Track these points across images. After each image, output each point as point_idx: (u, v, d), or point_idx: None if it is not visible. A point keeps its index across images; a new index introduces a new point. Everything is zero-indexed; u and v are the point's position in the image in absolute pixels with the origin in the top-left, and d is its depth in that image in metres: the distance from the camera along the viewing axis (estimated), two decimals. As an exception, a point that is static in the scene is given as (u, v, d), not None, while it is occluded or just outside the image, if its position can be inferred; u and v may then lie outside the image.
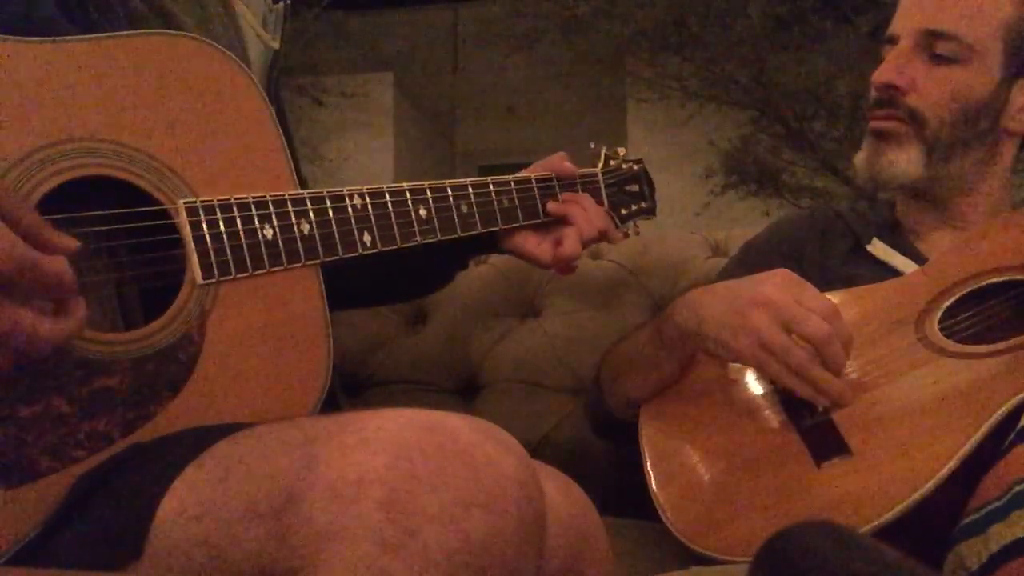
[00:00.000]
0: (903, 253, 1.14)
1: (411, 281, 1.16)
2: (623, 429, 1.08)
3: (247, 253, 0.79)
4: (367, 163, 8.74)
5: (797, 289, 0.94)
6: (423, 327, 1.54)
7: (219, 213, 0.77)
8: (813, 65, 6.56)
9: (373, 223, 0.89)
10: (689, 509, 0.91)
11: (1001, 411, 0.81)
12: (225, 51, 0.81)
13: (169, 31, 0.81)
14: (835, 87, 6.55)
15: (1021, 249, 1.01)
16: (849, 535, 0.61)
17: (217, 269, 0.77)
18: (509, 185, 1.05)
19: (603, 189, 1.16)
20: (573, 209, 1.08)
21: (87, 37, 0.75)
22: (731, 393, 1.03)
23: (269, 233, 0.80)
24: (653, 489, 0.95)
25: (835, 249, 1.19)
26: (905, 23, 1.12)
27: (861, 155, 1.15)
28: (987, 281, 1.00)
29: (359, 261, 0.88)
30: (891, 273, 1.11)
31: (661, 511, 0.92)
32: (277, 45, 1.00)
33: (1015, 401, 0.81)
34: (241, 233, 0.79)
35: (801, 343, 0.92)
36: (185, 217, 0.76)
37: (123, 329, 0.75)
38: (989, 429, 0.80)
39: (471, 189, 1.00)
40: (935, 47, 1.09)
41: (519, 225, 1.06)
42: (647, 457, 1.00)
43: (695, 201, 7.25)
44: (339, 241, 0.86)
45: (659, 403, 1.06)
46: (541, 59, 7.93)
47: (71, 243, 0.64)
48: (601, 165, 1.18)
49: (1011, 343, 0.90)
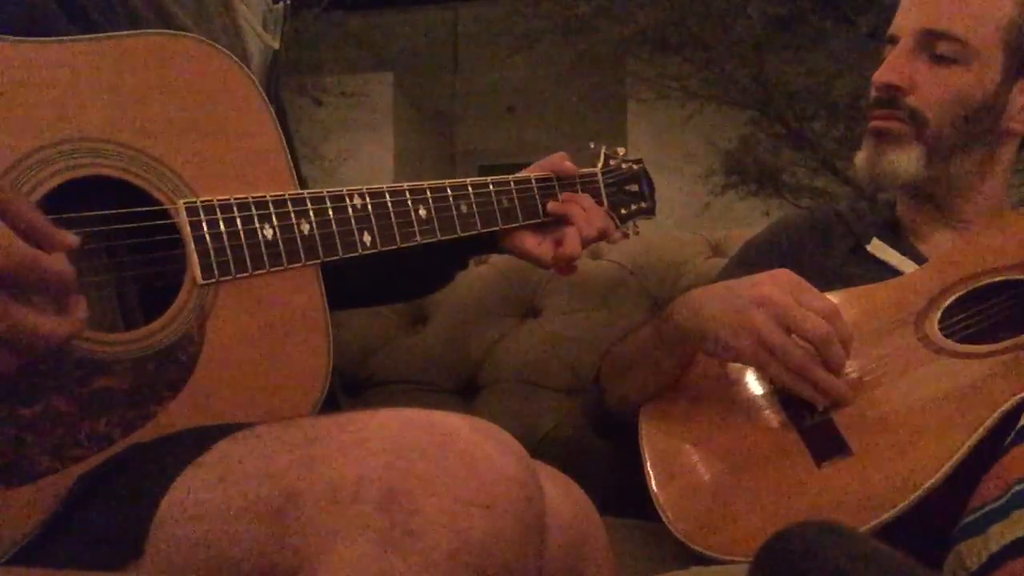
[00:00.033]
0: (903, 253, 1.14)
1: (411, 281, 1.16)
2: (623, 429, 1.08)
3: (247, 253, 0.79)
4: (367, 163, 8.75)
5: (797, 289, 0.94)
6: (423, 327, 1.54)
7: (219, 213, 0.77)
8: (813, 65, 6.57)
9: (373, 223, 0.89)
10: (689, 509, 0.91)
11: (1001, 411, 0.81)
12: (225, 51, 0.81)
13: (169, 31, 0.81)
14: (835, 87, 6.56)
15: (1021, 249, 1.01)
16: (849, 535, 0.61)
17: (217, 269, 0.77)
18: (509, 185, 1.05)
19: (603, 189, 1.16)
20: (573, 209, 1.08)
21: (87, 37, 0.75)
22: (731, 393, 1.03)
23: (269, 233, 0.80)
24: (653, 489, 0.95)
25: (835, 249, 1.19)
26: (906, 23, 1.12)
27: (861, 155, 1.15)
28: (987, 281, 1.00)
29: (359, 261, 0.88)
30: (891, 273, 1.11)
31: (661, 511, 0.92)
32: (277, 45, 1.00)
33: (1015, 401, 0.81)
34: (241, 233, 0.78)
35: (801, 343, 0.92)
36: (185, 217, 0.76)
37: (123, 329, 0.75)
38: (989, 429, 0.80)
39: (471, 189, 1.00)
40: (936, 47, 1.09)
41: (519, 225, 1.06)
42: (647, 457, 1.00)
43: (695, 201, 7.26)
44: (339, 241, 0.86)
45: (659, 403, 1.06)
46: (541, 59, 7.93)
47: (71, 239, 0.64)
48: (601, 165, 1.18)
49: (1011, 343, 0.90)
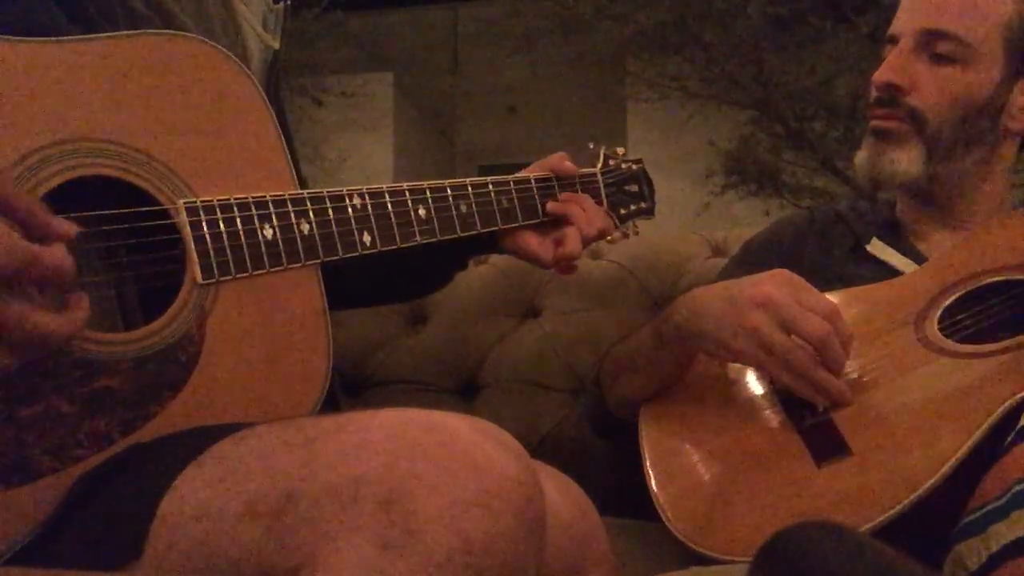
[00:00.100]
0: (903, 253, 1.14)
1: (411, 281, 1.16)
2: (623, 429, 1.08)
3: (247, 253, 0.79)
4: (367, 163, 8.75)
5: (797, 289, 0.94)
6: (423, 327, 1.54)
7: (219, 213, 0.77)
8: (813, 65, 6.56)
9: (373, 223, 0.89)
10: (689, 509, 0.91)
11: (1001, 411, 0.81)
12: (225, 51, 0.81)
13: (169, 31, 0.81)
14: (835, 87, 6.56)
15: (1021, 249, 1.01)
16: (849, 535, 0.61)
17: (217, 269, 0.77)
18: (508, 185, 1.05)
19: (602, 189, 1.16)
20: (573, 209, 1.08)
21: (87, 37, 0.75)
22: (731, 393, 1.03)
23: (269, 233, 0.80)
24: (653, 489, 0.95)
25: (835, 249, 1.19)
26: (906, 23, 1.12)
27: (861, 154, 1.15)
28: (987, 281, 1.00)
29: (359, 261, 0.88)
30: (891, 273, 1.11)
31: (661, 511, 0.92)
32: (277, 45, 1.00)
33: (1015, 401, 0.81)
34: (241, 233, 0.78)
35: (801, 343, 0.92)
36: (185, 217, 0.76)
37: (123, 329, 0.75)
38: (989, 429, 0.80)
39: (470, 189, 1.00)
40: (936, 47, 1.09)
41: (519, 225, 1.06)
42: (647, 457, 1.00)
43: (695, 201, 7.25)
44: (339, 241, 0.86)
45: (659, 403, 1.06)
46: (541, 59, 7.92)
47: (69, 228, 0.64)
48: (600, 165, 1.18)
49: (1010, 343, 0.90)
